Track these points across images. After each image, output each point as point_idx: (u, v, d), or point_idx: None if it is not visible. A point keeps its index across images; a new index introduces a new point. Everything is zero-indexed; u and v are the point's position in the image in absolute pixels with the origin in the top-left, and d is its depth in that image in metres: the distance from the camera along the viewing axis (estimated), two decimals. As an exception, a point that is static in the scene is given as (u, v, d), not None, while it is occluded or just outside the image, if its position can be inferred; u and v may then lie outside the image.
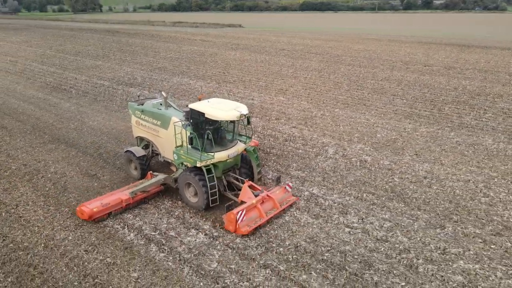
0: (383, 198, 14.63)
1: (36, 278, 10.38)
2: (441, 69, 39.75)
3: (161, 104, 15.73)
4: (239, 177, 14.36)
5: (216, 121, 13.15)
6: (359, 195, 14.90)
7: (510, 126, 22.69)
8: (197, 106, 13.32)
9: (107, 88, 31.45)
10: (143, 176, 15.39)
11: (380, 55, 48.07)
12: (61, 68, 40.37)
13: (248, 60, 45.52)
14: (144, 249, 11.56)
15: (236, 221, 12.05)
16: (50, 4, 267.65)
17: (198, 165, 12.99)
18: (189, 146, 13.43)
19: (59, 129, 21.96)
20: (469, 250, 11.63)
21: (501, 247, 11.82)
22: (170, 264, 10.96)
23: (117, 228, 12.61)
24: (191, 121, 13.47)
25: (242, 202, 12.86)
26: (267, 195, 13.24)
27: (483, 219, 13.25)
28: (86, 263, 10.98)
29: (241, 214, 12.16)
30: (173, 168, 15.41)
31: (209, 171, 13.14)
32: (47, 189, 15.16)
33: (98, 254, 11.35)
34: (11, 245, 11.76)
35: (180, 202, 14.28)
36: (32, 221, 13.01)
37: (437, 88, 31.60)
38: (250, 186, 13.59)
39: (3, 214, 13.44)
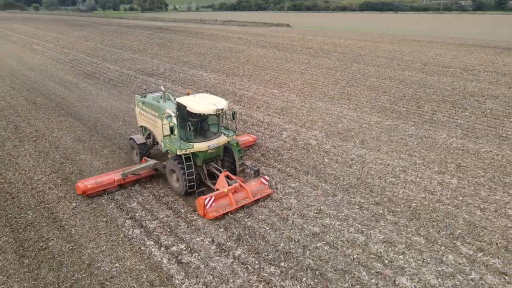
0: (301, 172, 17.01)
1: (8, 200, 14.48)
2: (457, 70, 39.67)
3: (160, 97, 16.87)
4: (218, 167, 15.30)
5: (197, 114, 14.03)
6: (283, 168, 17.41)
7: (478, 124, 23.40)
8: (182, 100, 14.40)
9: (130, 77, 36.23)
10: None
11: (404, 56, 48.38)
12: (101, 59, 46.36)
13: (268, 57, 48.37)
14: (107, 206, 14.12)
15: (205, 206, 13.05)
16: (123, 3, 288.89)
17: (178, 153, 14.04)
18: (175, 136, 14.57)
19: (75, 106, 26.71)
20: (342, 213, 13.81)
21: (371, 213, 13.84)
22: (115, 212, 13.86)
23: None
24: (177, 113, 14.59)
25: (218, 190, 13.73)
26: (240, 186, 14.03)
27: (374, 193, 15.21)
28: (46, 195, 14.91)
29: (209, 200, 13.12)
30: (169, 156, 16.04)
31: (187, 159, 14.13)
32: (44, 147, 19.55)
33: (58, 192, 15.23)
34: (1, 180, 16.08)
35: (169, 187, 15.54)
36: (23, 167, 17.33)
37: (435, 88, 32.20)
38: (227, 176, 14.46)
39: (6, 161, 17.94)
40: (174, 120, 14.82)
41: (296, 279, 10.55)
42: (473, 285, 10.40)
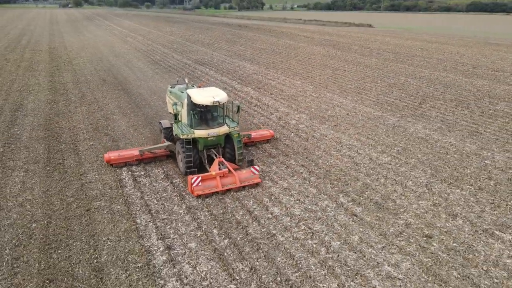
0: (263, 141, 21.10)
1: (54, 137, 21.31)
2: (487, 71, 39.16)
3: (186, 88, 18.71)
4: (217, 154, 16.76)
5: (199, 104, 15.82)
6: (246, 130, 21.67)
7: (465, 121, 24.60)
8: (190, 91, 16.52)
9: (185, 65, 43.02)
10: None
11: (460, 59, 47.94)
12: (172, 50, 54.43)
13: (317, 54, 51.57)
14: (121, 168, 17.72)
15: (191, 184, 14.73)
16: (224, 2, 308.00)
17: (180, 137, 15.92)
18: (183, 122, 16.55)
19: (130, 84, 33.93)
20: (269, 168, 17.76)
21: (293, 171, 17.53)
22: (124, 172, 19.46)
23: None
24: (187, 102, 16.44)
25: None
26: (229, 171, 15.47)
27: (307, 159, 18.72)
28: (78, 137, 21.40)
29: (196, 180, 14.74)
30: None
31: (188, 143, 15.74)
32: (93, 108, 26.55)
33: (87, 136, 21.65)
34: (56, 125, 23.19)
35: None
36: (74, 119, 24.32)
37: (459, 88, 32.84)
38: (222, 162, 15.92)
39: (66, 115, 25.19)
40: (179, 107, 16.37)
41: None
42: (326, 219, 13.78)
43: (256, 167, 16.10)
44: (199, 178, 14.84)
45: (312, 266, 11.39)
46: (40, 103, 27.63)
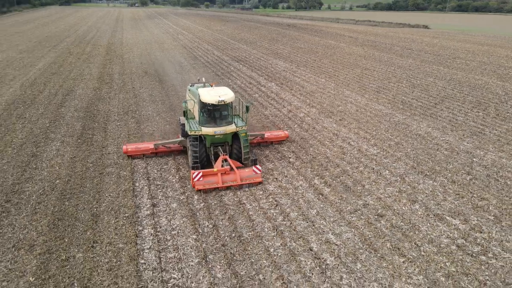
0: (269, 128, 23.17)
1: (92, 117, 25.08)
2: None
3: (203, 86, 19.16)
4: (223, 151, 17.27)
5: (206, 102, 16.36)
6: (258, 124, 23.83)
7: (474, 122, 24.82)
8: (200, 90, 17.23)
9: (222, 61, 46.06)
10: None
11: (497, 61, 46.06)
12: (215, 47, 57.89)
13: (353, 54, 52.17)
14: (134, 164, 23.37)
15: (193, 178, 15.44)
16: (283, 1, 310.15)
17: (188, 133, 16.63)
18: (196, 119, 17.30)
19: (167, 76, 37.50)
20: (263, 152, 19.87)
21: (282, 155, 19.49)
22: (137, 162, 23.11)
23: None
24: (197, 101, 17.10)
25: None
26: (231, 169, 15.97)
27: (300, 146, 20.53)
28: (110, 118, 25.02)
29: (197, 175, 15.39)
30: None
31: (195, 139, 16.37)
32: (129, 95, 30.21)
33: (116, 118, 25.17)
34: (94, 108, 27.05)
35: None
36: (110, 103, 28.08)
37: (486, 91, 32.44)
38: (226, 160, 16.44)
39: (106, 100, 29.08)
40: (189, 105, 17.57)
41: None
42: (294, 195, 15.66)
43: (258, 166, 16.47)
44: (200, 174, 15.51)
45: (266, 229, 13.42)
46: (87, 89, 31.94)
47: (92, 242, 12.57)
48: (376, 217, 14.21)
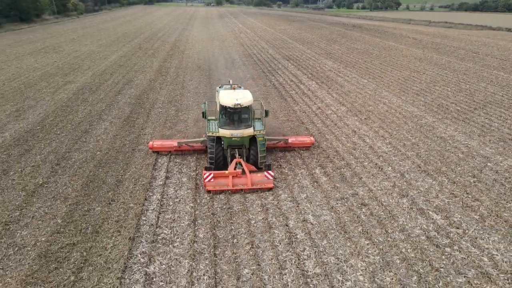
0: (292, 121, 24.69)
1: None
2: None
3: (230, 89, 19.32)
4: (240, 154, 17.39)
5: (224, 105, 16.51)
6: (285, 119, 25.45)
7: (508, 129, 23.96)
8: (220, 92, 17.75)
9: (272, 59, 48.04)
10: None
11: None
12: (271, 46, 59.99)
13: (410, 56, 50.93)
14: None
15: (204, 179, 15.82)
16: (358, 1, 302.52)
17: (207, 134, 17.12)
18: (214, 119, 17.88)
19: (217, 71, 40.37)
20: (281, 125, 21.50)
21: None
22: (160, 158, 26.14)
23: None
24: (218, 102, 17.60)
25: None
26: (243, 173, 15.98)
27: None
28: (158, 102, 28.39)
29: (208, 176, 15.65)
30: None
31: (213, 140, 16.76)
32: (176, 87, 33.57)
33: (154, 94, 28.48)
34: (145, 96, 30.68)
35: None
36: (160, 92, 31.57)
37: (532, 97, 30.59)
38: (240, 163, 16.42)
39: (152, 90, 32.70)
40: (206, 106, 18.59)
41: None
42: (291, 181, 17.19)
43: (271, 172, 16.19)
44: (211, 175, 15.69)
45: (254, 205, 15.22)
46: (144, 80, 35.96)
47: (110, 200, 15.41)
48: (360, 205, 15.23)
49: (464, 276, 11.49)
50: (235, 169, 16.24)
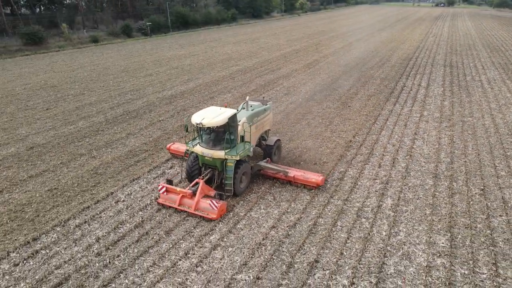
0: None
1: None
2: None
3: (249, 105, 18.67)
4: (209, 174, 16.57)
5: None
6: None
7: None
8: (206, 109, 16.55)
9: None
10: None
11: None
12: (452, 52, 55.93)
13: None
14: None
15: (159, 190, 15.84)
16: None
17: (186, 147, 17.05)
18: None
19: (355, 69, 43.20)
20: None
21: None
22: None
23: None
24: None
25: (190, 188, 15.35)
26: (191, 196, 15.16)
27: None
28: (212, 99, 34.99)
29: (161, 188, 15.75)
30: None
31: (191, 153, 16.84)
32: (269, 79, 38.99)
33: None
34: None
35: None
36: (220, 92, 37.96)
37: None
38: (197, 183, 15.54)
39: (220, 94, 39.18)
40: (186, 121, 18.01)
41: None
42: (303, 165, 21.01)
43: (217, 202, 14.96)
44: (164, 189, 15.74)
45: (260, 185, 17.56)
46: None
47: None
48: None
49: None
50: (191, 188, 15.61)
